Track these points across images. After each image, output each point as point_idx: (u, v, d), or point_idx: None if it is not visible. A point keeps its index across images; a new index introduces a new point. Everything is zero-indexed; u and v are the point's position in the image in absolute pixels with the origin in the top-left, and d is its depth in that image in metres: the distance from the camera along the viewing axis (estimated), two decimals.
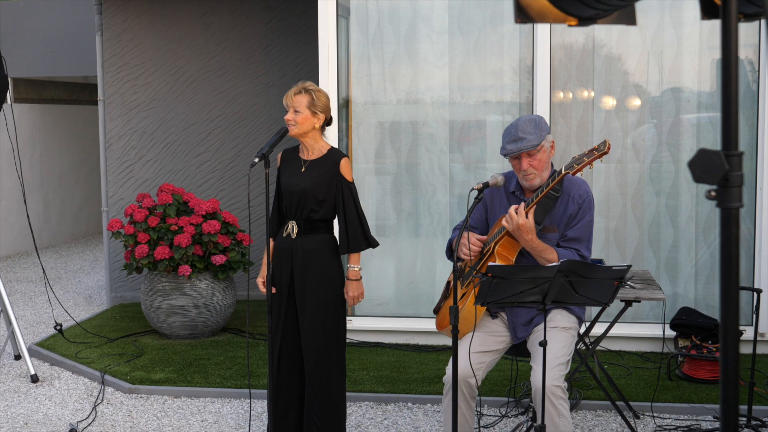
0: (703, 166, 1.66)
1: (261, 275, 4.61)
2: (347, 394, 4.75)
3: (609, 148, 3.81)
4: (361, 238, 4.50)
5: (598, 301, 3.77)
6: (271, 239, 4.59)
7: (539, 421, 3.77)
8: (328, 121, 4.53)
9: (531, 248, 3.97)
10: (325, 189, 4.45)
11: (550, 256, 3.98)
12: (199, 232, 6.73)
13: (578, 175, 3.96)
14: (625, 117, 6.52)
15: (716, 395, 5.46)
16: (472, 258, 4.16)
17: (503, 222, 3.98)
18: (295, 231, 4.50)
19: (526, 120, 4.07)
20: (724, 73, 1.71)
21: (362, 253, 4.56)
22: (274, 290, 4.49)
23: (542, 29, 6.35)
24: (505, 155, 4.07)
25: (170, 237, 6.73)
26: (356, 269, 4.49)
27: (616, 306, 5.23)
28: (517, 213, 3.92)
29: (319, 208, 4.47)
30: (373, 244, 4.56)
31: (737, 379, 1.77)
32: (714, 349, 5.69)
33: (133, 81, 8.45)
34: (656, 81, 6.47)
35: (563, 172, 3.87)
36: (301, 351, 4.55)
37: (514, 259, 4.07)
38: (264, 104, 8.49)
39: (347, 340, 6.30)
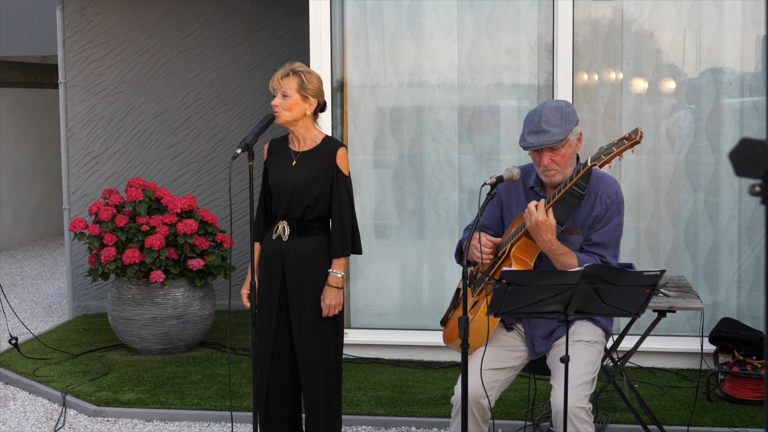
0: (746, 157, 1.66)
1: (245, 287, 4.61)
2: (342, 417, 4.76)
3: (641, 137, 3.81)
4: (348, 242, 4.52)
5: (628, 311, 3.78)
6: (256, 244, 4.59)
7: None
8: (321, 107, 4.53)
9: (548, 250, 3.97)
10: (321, 184, 4.46)
11: (570, 262, 3.98)
12: (174, 232, 6.74)
13: (606, 169, 3.97)
14: (658, 102, 6.52)
15: (761, 418, 5.47)
16: (485, 262, 4.16)
17: (525, 216, 3.98)
18: (287, 232, 4.51)
19: (551, 108, 4.05)
20: None
21: (359, 256, 4.58)
22: (257, 309, 4.50)
23: (564, 2, 6.35)
24: (524, 148, 4.06)
25: (141, 238, 6.73)
26: (339, 276, 4.50)
27: (647, 317, 5.23)
28: (537, 209, 3.93)
29: (314, 206, 4.47)
30: (358, 250, 4.57)
31: None
32: (759, 365, 5.69)
33: (98, 61, 8.45)
34: (693, 61, 6.48)
35: (589, 164, 3.87)
36: (294, 371, 4.56)
37: (532, 264, 4.07)
38: (248, 87, 8.49)
39: (343, 356, 6.30)
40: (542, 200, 3.98)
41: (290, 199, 4.46)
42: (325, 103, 4.55)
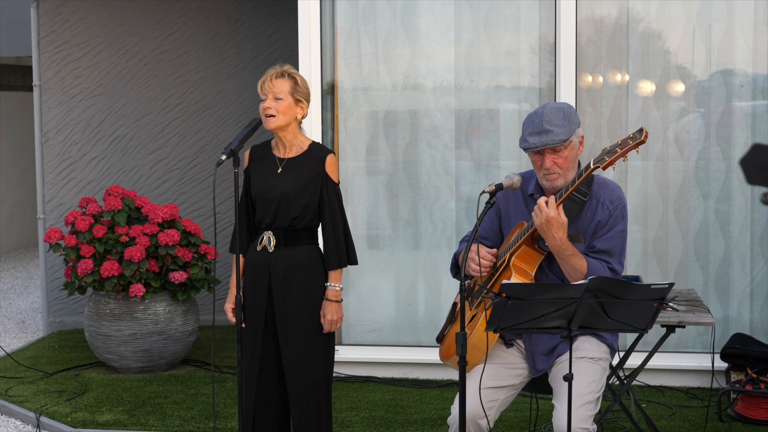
0: (758, 164, 1.66)
1: (229, 301, 4.60)
2: None
3: (646, 137, 3.82)
4: (343, 252, 4.51)
5: (635, 326, 3.78)
6: (240, 256, 4.59)
7: None
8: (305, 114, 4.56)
9: (558, 250, 3.96)
10: (309, 192, 4.46)
11: (579, 264, 3.98)
12: (155, 244, 6.73)
13: (611, 176, 3.97)
14: (666, 105, 6.53)
15: None
16: (483, 274, 4.16)
17: (533, 215, 3.97)
18: (273, 243, 4.50)
19: (552, 109, 4.07)
20: None
21: (351, 268, 4.57)
22: (243, 324, 4.49)
23: (567, 0, 6.36)
24: (525, 149, 4.07)
25: (119, 250, 6.72)
26: (337, 289, 4.50)
27: (655, 332, 5.23)
28: (548, 204, 3.93)
29: (303, 216, 4.47)
30: (353, 261, 4.58)
31: None
32: None
33: (75, 62, 8.44)
34: (703, 62, 6.49)
35: (592, 166, 3.88)
36: (282, 390, 4.55)
37: (533, 273, 4.08)
38: (233, 90, 8.49)
39: (333, 374, 6.30)
40: (552, 196, 3.98)
41: (277, 208, 4.46)
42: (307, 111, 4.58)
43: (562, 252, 3.98)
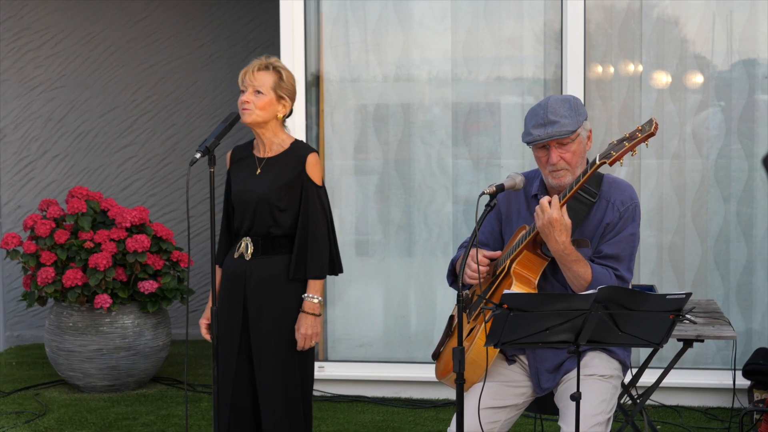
0: None
1: (205, 316, 4.60)
2: None
3: (656, 129, 3.82)
4: (326, 260, 4.51)
5: (649, 340, 3.78)
6: (218, 267, 4.59)
7: None
8: (290, 113, 4.56)
9: (560, 255, 3.95)
10: (287, 194, 4.45)
11: (582, 271, 3.98)
12: (122, 250, 6.72)
13: (623, 176, 3.97)
14: (682, 98, 6.54)
15: None
16: (482, 282, 4.16)
17: (534, 216, 3.96)
18: (250, 250, 4.50)
19: (557, 100, 4.08)
20: None
21: (338, 277, 4.58)
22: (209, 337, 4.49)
23: None
24: (528, 143, 4.07)
25: (84, 257, 6.71)
26: (315, 301, 4.49)
27: (671, 347, 5.24)
28: (550, 205, 3.92)
29: (280, 221, 4.46)
30: (338, 270, 4.57)
31: None
32: None
33: (35, 51, 8.43)
34: (723, 51, 6.50)
35: (598, 162, 3.88)
36: (256, 412, 4.54)
37: (536, 281, 4.07)
38: (208, 82, 8.49)
39: (318, 393, 6.29)
40: (555, 196, 3.98)
41: (254, 212, 4.46)
42: (292, 109, 4.57)
43: (565, 257, 3.98)
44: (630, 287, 4.15)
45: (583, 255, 4.09)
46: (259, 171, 4.50)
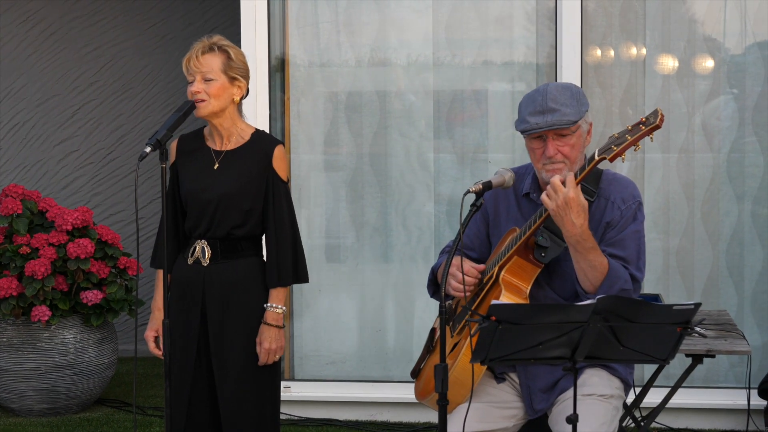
0: None
1: (151, 327, 4.59)
2: None
3: (662, 121, 3.83)
4: (290, 266, 4.50)
5: (654, 356, 3.79)
6: (160, 271, 4.58)
7: None
8: (246, 93, 4.53)
9: (577, 240, 3.92)
10: (253, 193, 4.45)
11: (599, 260, 3.95)
12: (63, 256, 6.70)
13: (625, 172, 3.98)
14: (691, 85, 6.56)
15: None
16: (467, 293, 4.16)
17: (543, 197, 3.93)
18: (208, 255, 4.49)
19: (558, 87, 4.07)
20: None
21: (305, 286, 4.58)
22: (160, 354, 4.49)
23: None
24: (523, 131, 4.06)
25: (19, 264, 6.68)
26: (279, 311, 4.48)
27: (679, 363, 5.25)
28: (565, 183, 3.89)
29: (244, 222, 4.46)
30: (302, 278, 4.57)
31: None
32: None
33: None
34: (737, 33, 6.53)
35: (597, 157, 3.88)
36: None
37: (527, 290, 4.08)
38: (160, 66, 8.47)
39: (285, 416, 6.28)
40: (570, 173, 3.95)
41: (214, 213, 4.44)
42: (248, 88, 4.54)
43: (582, 244, 3.94)
44: (641, 284, 4.14)
45: None
46: (217, 166, 4.48)
